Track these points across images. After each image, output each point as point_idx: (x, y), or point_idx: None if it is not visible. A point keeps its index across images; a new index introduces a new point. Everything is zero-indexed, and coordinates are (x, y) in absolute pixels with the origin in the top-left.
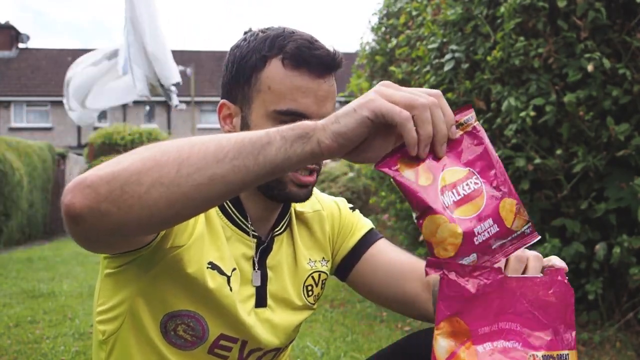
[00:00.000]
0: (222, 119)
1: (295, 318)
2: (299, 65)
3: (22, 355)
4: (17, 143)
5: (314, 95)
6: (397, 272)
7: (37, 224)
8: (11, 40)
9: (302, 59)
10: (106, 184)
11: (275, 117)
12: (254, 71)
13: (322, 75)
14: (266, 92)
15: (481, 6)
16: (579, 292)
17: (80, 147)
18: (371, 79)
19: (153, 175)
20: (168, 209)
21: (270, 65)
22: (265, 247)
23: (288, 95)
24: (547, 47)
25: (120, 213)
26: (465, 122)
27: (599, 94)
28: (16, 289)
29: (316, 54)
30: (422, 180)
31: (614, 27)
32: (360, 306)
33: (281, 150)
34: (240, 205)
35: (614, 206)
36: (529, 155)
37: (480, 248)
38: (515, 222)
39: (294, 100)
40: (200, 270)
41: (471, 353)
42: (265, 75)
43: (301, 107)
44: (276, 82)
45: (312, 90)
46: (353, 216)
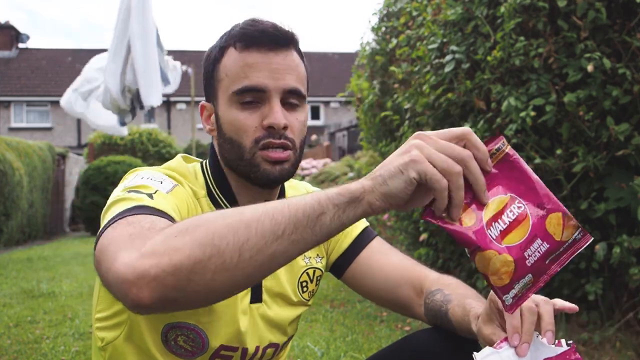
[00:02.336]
0: (204, 120)
1: (290, 313)
2: (248, 45)
3: (22, 355)
4: (17, 143)
5: (266, 69)
6: (389, 278)
7: (37, 224)
8: (11, 40)
9: (247, 37)
10: (171, 275)
11: (234, 98)
12: (215, 65)
13: (273, 49)
14: (224, 79)
15: (481, 6)
16: (579, 292)
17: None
18: (371, 79)
19: (216, 262)
20: (232, 288)
21: (226, 55)
22: None
23: (241, 74)
24: (547, 47)
25: (187, 297)
26: (498, 149)
27: (599, 94)
28: (16, 289)
29: (259, 29)
30: (467, 221)
31: (614, 27)
32: (360, 306)
33: (335, 218)
34: (235, 201)
35: (613, 206)
36: (529, 155)
37: (534, 268)
38: (564, 233)
39: (246, 77)
40: None
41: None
42: (223, 65)
43: (254, 82)
44: (230, 67)
45: (264, 64)
46: None
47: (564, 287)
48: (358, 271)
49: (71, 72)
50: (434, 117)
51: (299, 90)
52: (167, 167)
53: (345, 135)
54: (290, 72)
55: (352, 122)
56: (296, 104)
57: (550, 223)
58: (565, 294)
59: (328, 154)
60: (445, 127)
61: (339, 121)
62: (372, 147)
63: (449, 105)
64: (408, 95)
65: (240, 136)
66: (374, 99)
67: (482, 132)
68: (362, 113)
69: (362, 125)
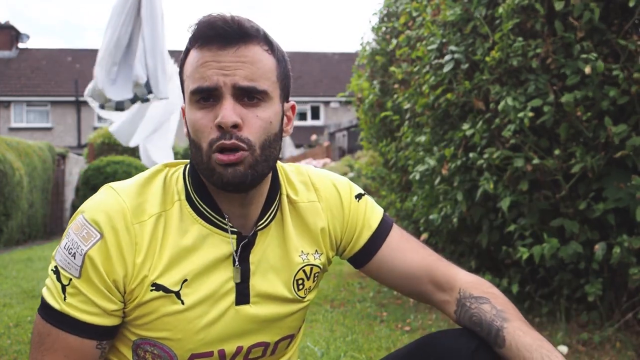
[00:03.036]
0: (184, 124)
1: (283, 310)
2: (201, 44)
3: (22, 355)
4: (17, 143)
5: (216, 67)
6: (408, 272)
7: (37, 224)
8: (11, 40)
9: (199, 37)
10: None
11: (192, 99)
12: (182, 67)
13: (223, 46)
14: (186, 80)
15: (480, 7)
16: (579, 293)
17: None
18: (371, 79)
19: None
20: None
21: (188, 56)
22: (246, 243)
23: (196, 74)
24: (545, 48)
25: None
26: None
27: (597, 94)
28: (16, 289)
29: (207, 26)
30: None
31: (611, 29)
32: (360, 306)
33: None
34: (213, 203)
35: (612, 206)
36: (527, 155)
37: None
38: None
39: (200, 77)
40: (149, 297)
41: None
42: (185, 66)
43: (206, 82)
44: (189, 67)
45: (215, 62)
46: (359, 208)
47: (564, 287)
48: (377, 266)
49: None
50: (433, 117)
51: (252, 85)
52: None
53: (345, 135)
54: (243, 67)
55: (352, 122)
56: (257, 99)
57: None
58: (565, 294)
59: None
60: (445, 127)
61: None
62: (372, 147)
63: (448, 105)
64: (408, 96)
65: (199, 138)
66: (374, 99)
67: (481, 132)
68: (362, 113)
69: (362, 125)
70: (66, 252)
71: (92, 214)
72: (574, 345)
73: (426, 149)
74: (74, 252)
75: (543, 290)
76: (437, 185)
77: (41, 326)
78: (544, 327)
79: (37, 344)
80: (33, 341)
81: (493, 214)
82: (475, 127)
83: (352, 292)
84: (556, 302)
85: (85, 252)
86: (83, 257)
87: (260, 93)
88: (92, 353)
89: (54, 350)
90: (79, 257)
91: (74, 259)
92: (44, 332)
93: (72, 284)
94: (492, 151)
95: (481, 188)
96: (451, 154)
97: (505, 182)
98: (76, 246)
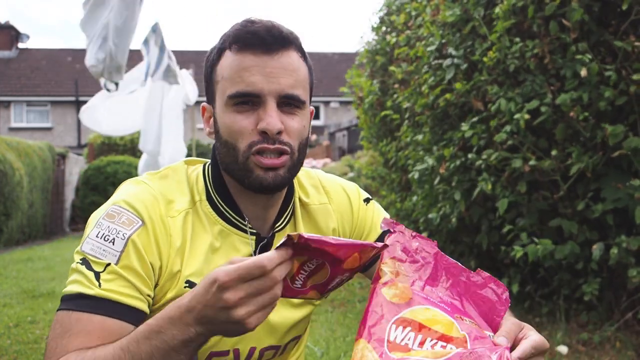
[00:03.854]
0: (205, 122)
1: (294, 315)
2: (242, 47)
3: (22, 355)
4: (17, 143)
5: (261, 72)
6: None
7: (37, 224)
8: (11, 40)
9: (241, 40)
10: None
11: (229, 102)
12: (213, 67)
13: (267, 51)
14: (221, 82)
15: (479, 7)
16: (578, 293)
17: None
18: (371, 78)
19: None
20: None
21: (223, 57)
22: (265, 244)
23: (237, 78)
24: (542, 48)
25: None
26: (286, 242)
27: (593, 95)
28: (16, 289)
29: (252, 31)
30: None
31: (608, 29)
32: (361, 306)
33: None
34: (234, 205)
35: (610, 207)
36: (525, 156)
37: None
38: (362, 259)
39: (242, 81)
40: (178, 293)
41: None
42: (220, 67)
43: (249, 87)
44: (227, 70)
45: (258, 67)
46: (367, 212)
47: (564, 287)
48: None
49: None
50: (432, 117)
51: (295, 94)
52: (159, 178)
53: (345, 135)
54: (286, 74)
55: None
56: (295, 106)
57: (348, 264)
58: (564, 294)
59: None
60: (444, 127)
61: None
62: (372, 146)
63: (447, 105)
64: (407, 95)
65: (235, 139)
66: (374, 98)
67: (480, 132)
68: (362, 112)
69: (362, 125)
70: (101, 240)
71: (131, 202)
72: (574, 345)
73: (425, 149)
74: (112, 239)
75: (543, 290)
76: (436, 185)
77: (66, 317)
78: (543, 327)
79: (60, 333)
80: (53, 336)
81: (492, 213)
82: (473, 128)
83: (352, 292)
84: (556, 302)
85: (129, 237)
86: (126, 242)
87: (299, 101)
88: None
89: (85, 333)
90: (119, 241)
91: (112, 244)
92: (69, 321)
93: (108, 270)
94: (490, 152)
95: (479, 188)
96: (450, 154)
97: (503, 182)
98: (115, 232)
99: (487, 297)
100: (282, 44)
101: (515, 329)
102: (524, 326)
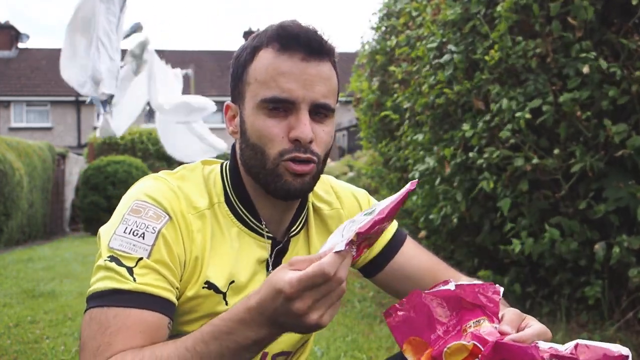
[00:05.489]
0: (228, 120)
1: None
2: (281, 51)
3: (22, 355)
4: (17, 143)
5: (298, 80)
6: (419, 284)
7: (37, 224)
8: (11, 40)
9: (280, 42)
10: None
11: (262, 105)
12: (245, 66)
13: (307, 58)
14: (254, 84)
15: (479, 5)
16: (579, 292)
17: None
18: (371, 78)
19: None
20: None
21: (257, 57)
22: (280, 248)
23: (272, 82)
24: (545, 47)
25: None
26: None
27: (596, 94)
28: (16, 289)
29: (294, 34)
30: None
31: (611, 28)
32: (361, 306)
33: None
34: (252, 208)
35: (613, 207)
36: (527, 155)
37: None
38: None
39: (278, 87)
40: (197, 293)
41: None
42: (253, 68)
43: (285, 93)
44: (261, 72)
45: (296, 74)
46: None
47: (564, 287)
48: (389, 276)
49: None
50: (433, 116)
51: (327, 104)
52: (178, 177)
53: (345, 135)
54: (320, 83)
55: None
56: (325, 115)
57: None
58: (565, 293)
59: None
60: (445, 126)
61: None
62: (372, 146)
63: (448, 105)
64: (408, 95)
65: (265, 144)
66: (373, 98)
67: (481, 132)
68: (361, 113)
69: (361, 125)
70: (130, 235)
71: (155, 197)
72: None
73: (426, 149)
74: (141, 233)
75: (543, 290)
76: (437, 185)
77: (101, 314)
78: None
79: (99, 331)
80: (90, 335)
81: (493, 213)
82: (474, 128)
83: (352, 292)
84: (556, 302)
85: (159, 230)
86: (156, 235)
87: (330, 110)
88: (164, 330)
89: (126, 328)
90: (150, 235)
91: (142, 239)
92: (107, 317)
93: (141, 265)
94: (492, 150)
95: (479, 186)
96: (451, 153)
97: (504, 181)
98: (144, 226)
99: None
100: (321, 52)
101: (517, 319)
102: (526, 317)
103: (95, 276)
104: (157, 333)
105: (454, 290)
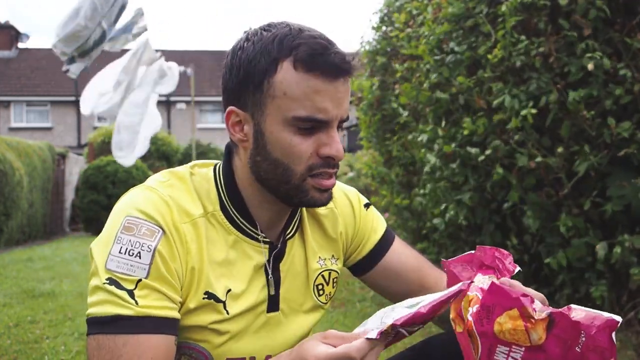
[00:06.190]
0: (231, 127)
1: (307, 321)
2: (313, 68)
3: (22, 355)
4: (17, 143)
5: (333, 99)
6: (407, 283)
7: (37, 224)
8: (11, 40)
9: (315, 62)
10: None
11: (294, 123)
12: (265, 76)
13: (339, 76)
14: (281, 97)
15: (482, 4)
16: (580, 292)
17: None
18: (371, 77)
19: None
20: None
21: (283, 69)
22: (278, 252)
23: (306, 101)
24: (548, 46)
25: None
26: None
27: (601, 92)
28: (16, 289)
29: (330, 58)
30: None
31: (614, 27)
32: (361, 306)
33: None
34: (248, 214)
35: (619, 207)
36: (530, 153)
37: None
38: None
39: (313, 106)
40: (198, 304)
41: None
42: (279, 80)
43: (321, 113)
44: (291, 87)
45: (330, 93)
46: (367, 217)
47: (566, 287)
48: (377, 275)
49: None
50: (434, 113)
51: (348, 117)
52: (168, 185)
53: (345, 135)
54: (346, 99)
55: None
56: (341, 127)
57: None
58: (566, 293)
59: None
60: (446, 126)
61: None
62: (372, 145)
63: (450, 102)
64: (408, 92)
65: (291, 160)
66: (374, 97)
67: (482, 130)
68: (361, 112)
69: (361, 125)
70: (125, 255)
71: (146, 211)
72: None
73: (427, 147)
74: (137, 252)
75: (544, 290)
76: (438, 184)
77: (110, 342)
78: None
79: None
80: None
81: (496, 214)
82: (476, 125)
83: (352, 292)
84: (557, 302)
85: (155, 247)
86: (152, 253)
87: (345, 122)
88: (172, 349)
89: (138, 356)
90: (146, 254)
91: (139, 259)
92: (116, 345)
93: (140, 286)
94: (497, 145)
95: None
96: (451, 150)
97: (512, 178)
98: (139, 245)
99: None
100: (349, 70)
101: (517, 285)
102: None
103: (94, 297)
104: (166, 354)
105: (474, 253)
